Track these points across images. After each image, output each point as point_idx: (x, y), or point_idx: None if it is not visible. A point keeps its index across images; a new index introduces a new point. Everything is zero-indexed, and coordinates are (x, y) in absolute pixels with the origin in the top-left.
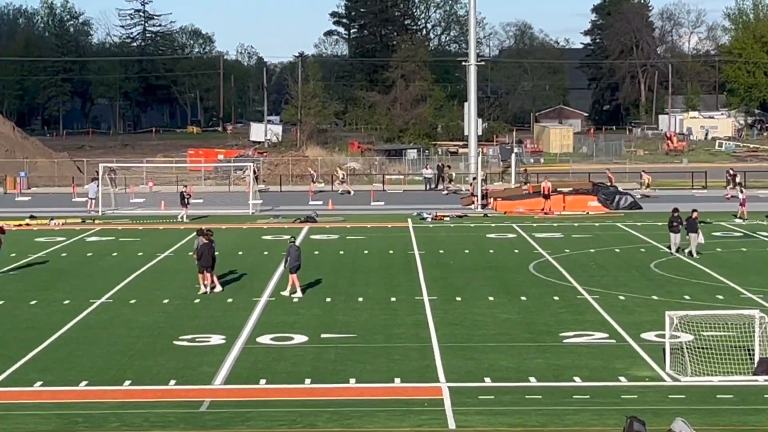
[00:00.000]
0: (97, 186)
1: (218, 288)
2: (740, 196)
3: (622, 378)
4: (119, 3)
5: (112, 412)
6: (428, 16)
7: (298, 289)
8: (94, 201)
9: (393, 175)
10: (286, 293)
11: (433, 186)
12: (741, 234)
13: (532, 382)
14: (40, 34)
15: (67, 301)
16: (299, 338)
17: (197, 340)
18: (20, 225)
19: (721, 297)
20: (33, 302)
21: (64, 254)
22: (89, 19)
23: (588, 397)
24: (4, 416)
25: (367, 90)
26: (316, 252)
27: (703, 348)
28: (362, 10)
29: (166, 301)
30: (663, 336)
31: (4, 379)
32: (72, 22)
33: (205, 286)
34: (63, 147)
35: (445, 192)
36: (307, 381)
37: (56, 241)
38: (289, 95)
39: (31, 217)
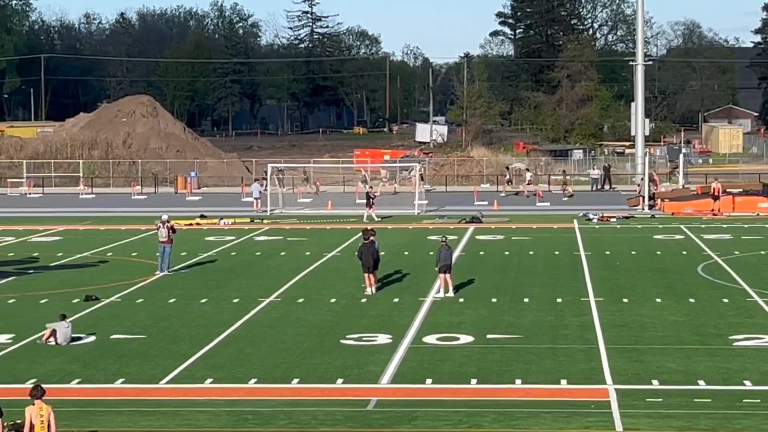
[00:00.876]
0: (261, 186)
1: (370, 290)
2: None
3: None
4: (287, 5)
5: (280, 410)
6: (595, 15)
7: (451, 289)
8: (258, 201)
9: (557, 176)
10: (440, 295)
11: (599, 187)
12: None
13: (701, 385)
14: (210, 36)
15: (236, 300)
16: (465, 338)
17: (364, 339)
18: (191, 224)
19: None
20: (203, 300)
21: (233, 253)
22: (258, 21)
23: (759, 401)
24: (175, 413)
25: (533, 90)
26: (482, 253)
27: None
28: (528, 10)
29: (333, 300)
30: None
31: (176, 376)
32: (241, 24)
33: (371, 286)
34: (232, 147)
35: (503, 194)
36: (473, 381)
37: (225, 241)
38: (455, 96)
39: (201, 217)
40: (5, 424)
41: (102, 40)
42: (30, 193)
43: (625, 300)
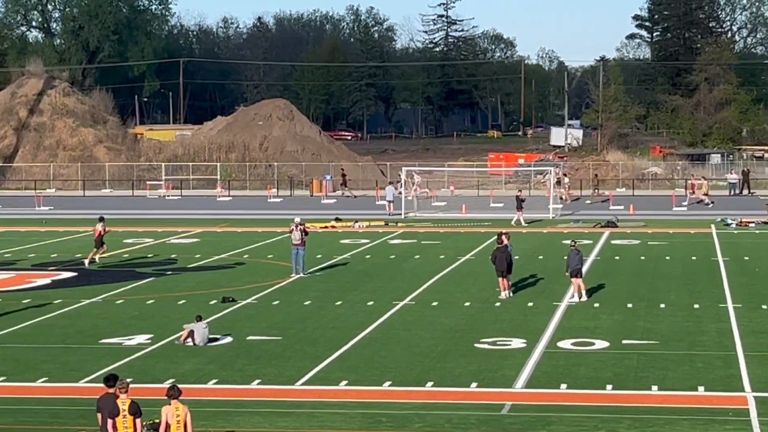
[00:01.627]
0: (395, 189)
1: (505, 293)
2: None
3: None
4: (423, 9)
5: (415, 413)
6: (733, 17)
7: (584, 293)
8: (391, 204)
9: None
10: (575, 300)
11: (737, 192)
12: None
13: None
14: (345, 40)
15: (371, 302)
16: (600, 344)
17: (498, 343)
18: (326, 227)
19: None
20: (338, 303)
21: (367, 256)
22: (393, 25)
23: None
24: (310, 414)
25: (670, 94)
26: (617, 257)
27: None
28: (666, 12)
29: (467, 304)
30: None
31: (311, 378)
32: (376, 28)
33: (504, 290)
34: (366, 151)
35: (562, 200)
36: (609, 387)
37: (360, 243)
38: (590, 99)
39: (337, 220)
40: (144, 423)
41: (239, 44)
42: (168, 196)
43: (764, 306)
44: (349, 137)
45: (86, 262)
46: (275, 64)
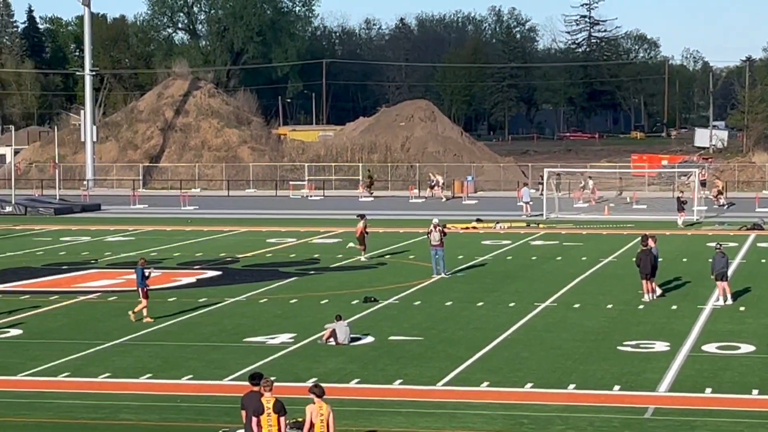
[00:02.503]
0: (534, 191)
1: (658, 291)
2: None
3: None
4: (565, 9)
5: (557, 415)
6: None
7: (729, 297)
8: (528, 205)
9: None
10: (720, 303)
11: None
12: None
13: None
14: (487, 41)
15: (512, 304)
16: (746, 347)
17: (641, 346)
18: (467, 228)
19: None
20: (480, 304)
21: (509, 257)
22: (535, 26)
23: None
24: (452, 415)
25: None
26: (763, 260)
27: None
28: None
29: (609, 306)
30: None
31: (453, 379)
32: (518, 29)
33: (648, 293)
34: (508, 152)
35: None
36: (755, 392)
37: (501, 245)
38: (736, 100)
39: (478, 221)
40: (287, 421)
41: (381, 45)
42: (311, 196)
43: None
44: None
45: (362, 258)
46: (417, 65)
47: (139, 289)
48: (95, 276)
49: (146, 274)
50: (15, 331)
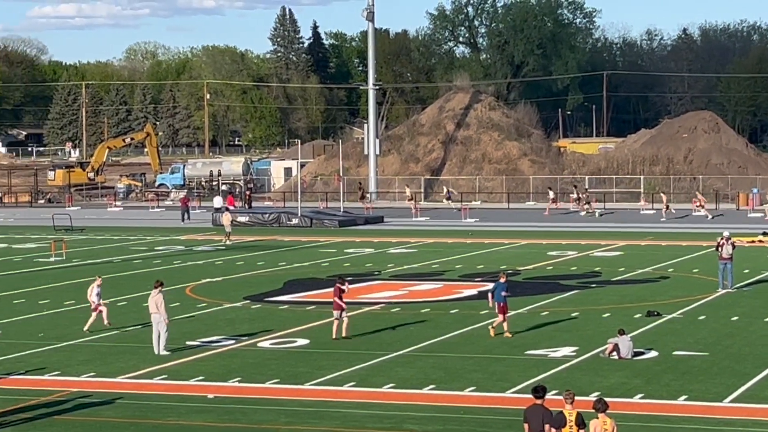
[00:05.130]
0: None
1: None
2: None
3: None
4: None
5: None
6: None
7: None
8: None
9: None
10: None
11: None
12: None
13: None
14: None
15: None
16: None
17: None
18: (752, 242)
19: None
20: (767, 319)
21: None
22: None
23: None
24: None
25: None
26: None
27: None
28: None
29: None
30: None
31: (740, 395)
32: None
33: None
34: None
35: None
36: None
37: None
38: None
39: (764, 234)
40: None
41: (663, 56)
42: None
43: None
44: None
45: None
46: (700, 76)
47: (497, 304)
48: (379, 287)
49: (505, 288)
50: (302, 341)
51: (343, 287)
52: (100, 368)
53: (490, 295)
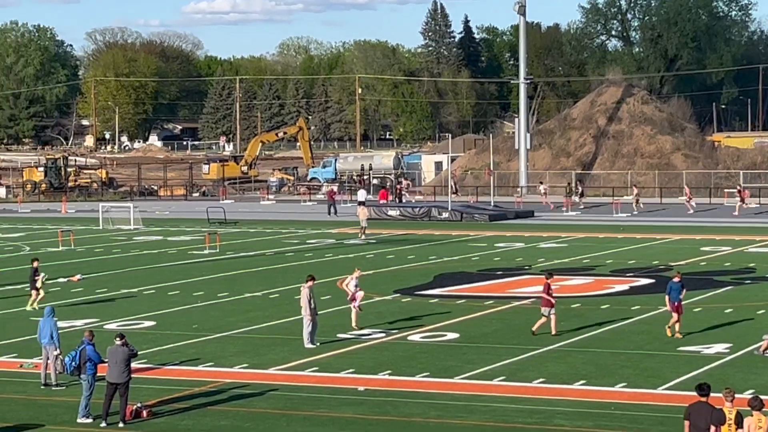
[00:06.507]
0: None
1: None
2: None
3: None
4: None
5: None
6: None
7: None
8: None
9: None
10: None
11: None
12: None
13: None
14: None
15: None
16: None
17: None
18: None
19: None
20: None
21: None
22: None
23: None
24: None
25: None
26: None
27: None
28: None
29: None
30: None
31: None
32: None
33: None
34: None
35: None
36: None
37: None
38: None
39: None
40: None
41: None
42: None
43: None
44: None
45: None
46: None
47: (672, 303)
48: (529, 282)
49: (680, 288)
50: (452, 335)
51: (549, 282)
52: (253, 359)
53: (667, 297)
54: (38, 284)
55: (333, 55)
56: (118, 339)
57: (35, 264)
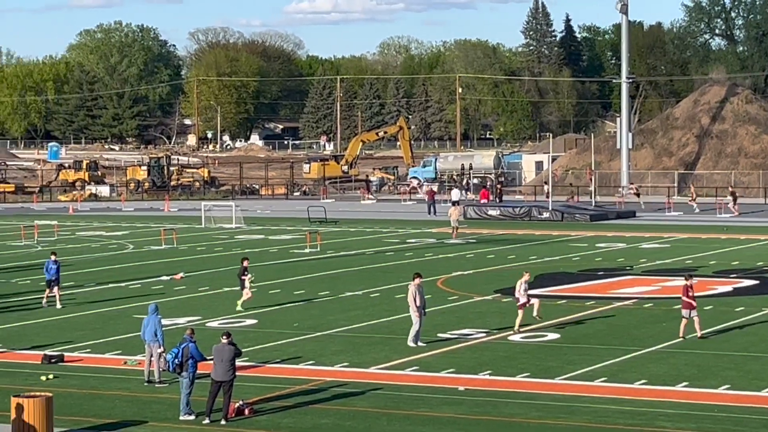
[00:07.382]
0: None
1: None
2: None
3: None
4: None
5: None
6: None
7: None
8: None
9: None
10: None
11: None
12: None
13: None
14: None
15: None
16: None
17: None
18: None
19: None
20: None
21: None
22: None
23: None
24: None
25: None
26: None
27: None
28: None
29: None
30: None
31: None
32: None
33: None
34: None
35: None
36: None
37: None
38: None
39: None
40: None
41: None
42: None
43: None
44: None
45: None
46: None
47: None
48: (631, 282)
49: None
50: (552, 335)
51: (689, 283)
52: (354, 358)
53: None
54: (246, 284)
55: (433, 54)
56: (224, 337)
57: (245, 263)
